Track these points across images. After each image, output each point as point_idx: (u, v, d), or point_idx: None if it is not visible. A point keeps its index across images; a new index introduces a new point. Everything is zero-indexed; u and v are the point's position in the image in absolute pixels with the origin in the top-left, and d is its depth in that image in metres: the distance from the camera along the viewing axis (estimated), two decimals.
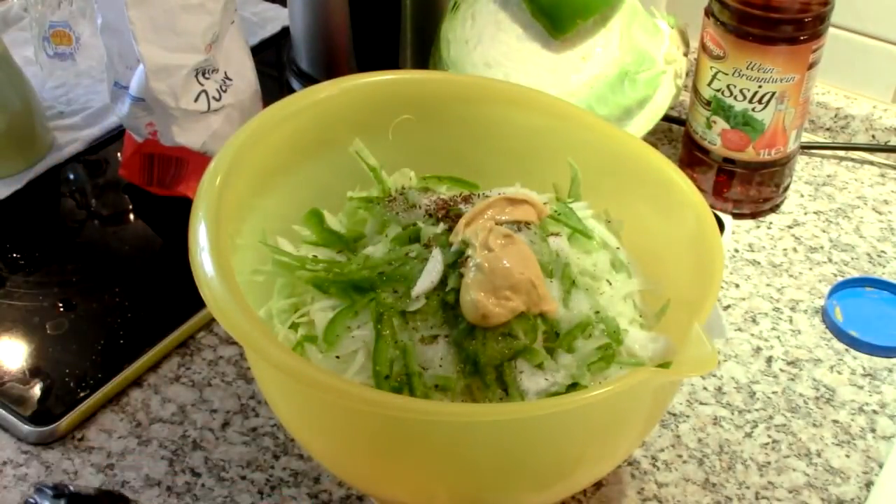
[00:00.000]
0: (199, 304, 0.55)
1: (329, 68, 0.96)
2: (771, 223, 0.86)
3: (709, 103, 0.82)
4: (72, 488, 0.49)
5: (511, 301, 0.54)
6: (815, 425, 0.68)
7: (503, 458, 0.51)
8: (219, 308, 0.50)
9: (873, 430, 0.68)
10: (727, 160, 0.84)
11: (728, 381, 0.71)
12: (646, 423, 0.56)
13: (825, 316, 0.76)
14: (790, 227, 0.86)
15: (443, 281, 0.55)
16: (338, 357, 0.55)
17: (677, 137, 0.95)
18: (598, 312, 0.57)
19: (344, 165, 0.65)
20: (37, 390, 0.68)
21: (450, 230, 0.58)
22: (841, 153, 0.95)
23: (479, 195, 0.63)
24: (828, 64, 0.85)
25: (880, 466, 0.65)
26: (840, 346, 0.74)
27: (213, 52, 0.78)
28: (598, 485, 0.63)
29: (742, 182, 0.85)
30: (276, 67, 1.02)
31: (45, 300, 0.75)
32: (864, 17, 0.93)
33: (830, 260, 0.82)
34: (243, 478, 0.64)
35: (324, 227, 0.63)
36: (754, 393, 0.70)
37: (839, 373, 0.72)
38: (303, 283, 0.59)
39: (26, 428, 0.65)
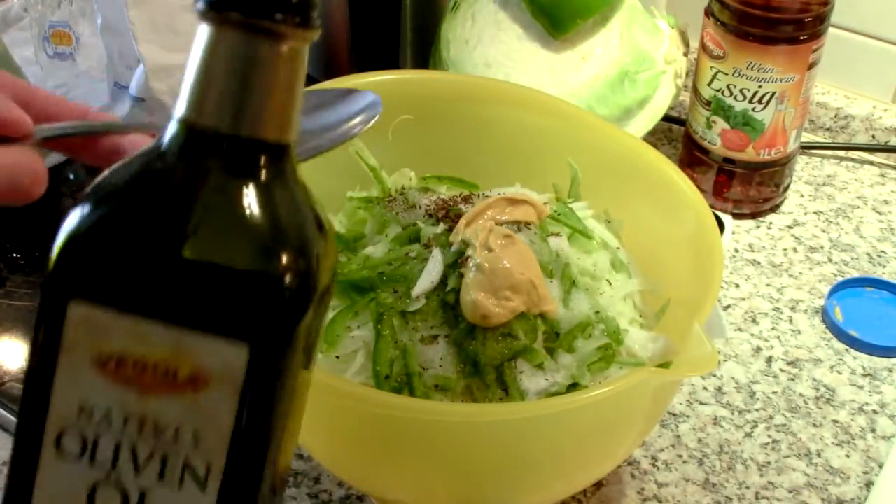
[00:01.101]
0: None
1: (329, 68, 0.96)
2: (771, 223, 0.86)
3: (709, 103, 0.82)
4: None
5: (511, 301, 0.54)
6: (815, 425, 0.68)
7: (503, 458, 0.51)
8: None
9: (873, 430, 0.68)
10: (727, 160, 0.84)
11: (728, 381, 0.71)
12: (646, 423, 0.56)
13: (825, 316, 0.76)
14: (790, 227, 0.86)
15: (443, 281, 0.55)
16: (338, 357, 0.55)
17: (677, 137, 0.95)
18: (598, 312, 0.57)
19: (344, 165, 0.65)
20: None
21: (450, 230, 0.58)
22: (841, 153, 0.95)
23: (479, 195, 0.62)
24: (828, 64, 0.85)
25: (880, 466, 0.65)
26: (840, 346, 0.74)
27: None
28: (598, 485, 0.63)
29: (742, 182, 0.85)
30: None
31: None
32: (864, 17, 0.93)
33: (830, 260, 0.82)
34: None
35: None
36: (754, 393, 0.70)
37: (839, 373, 0.72)
38: None
39: None
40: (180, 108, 0.28)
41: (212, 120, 0.27)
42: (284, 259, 0.26)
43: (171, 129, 0.28)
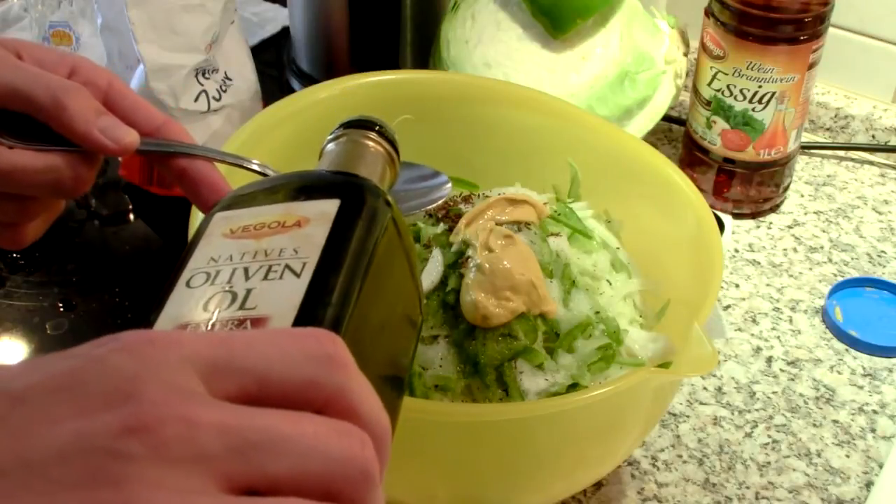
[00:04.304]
0: None
1: (329, 68, 0.96)
2: (771, 223, 0.86)
3: (709, 103, 0.82)
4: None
5: (511, 302, 0.54)
6: (815, 425, 0.68)
7: (503, 458, 0.51)
8: None
9: (873, 430, 0.68)
10: (727, 160, 0.84)
11: (728, 381, 0.71)
12: (646, 423, 0.56)
13: (825, 316, 0.76)
14: (790, 227, 0.86)
15: (443, 281, 0.56)
16: None
17: (677, 137, 0.95)
18: (598, 312, 0.57)
19: None
20: None
21: (450, 230, 0.58)
22: (841, 153, 0.95)
23: (479, 195, 0.63)
24: (828, 64, 0.85)
25: (880, 466, 0.65)
26: (840, 346, 0.74)
27: (213, 52, 0.78)
28: (598, 485, 0.63)
29: (742, 182, 0.85)
30: (276, 67, 1.01)
31: (45, 300, 0.75)
32: (864, 17, 0.93)
33: (830, 260, 0.82)
34: None
35: None
36: (754, 393, 0.70)
37: (839, 373, 0.72)
38: None
39: None
40: (322, 166, 0.45)
41: (338, 167, 0.45)
42: (364, 177, 0.42)
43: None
